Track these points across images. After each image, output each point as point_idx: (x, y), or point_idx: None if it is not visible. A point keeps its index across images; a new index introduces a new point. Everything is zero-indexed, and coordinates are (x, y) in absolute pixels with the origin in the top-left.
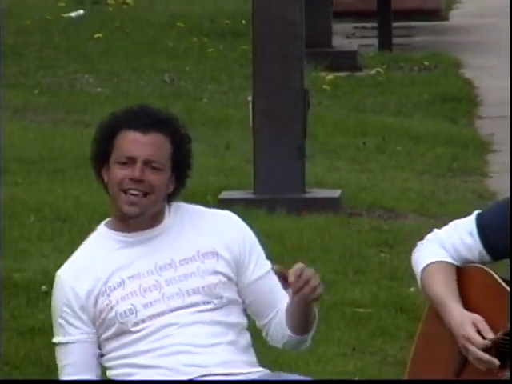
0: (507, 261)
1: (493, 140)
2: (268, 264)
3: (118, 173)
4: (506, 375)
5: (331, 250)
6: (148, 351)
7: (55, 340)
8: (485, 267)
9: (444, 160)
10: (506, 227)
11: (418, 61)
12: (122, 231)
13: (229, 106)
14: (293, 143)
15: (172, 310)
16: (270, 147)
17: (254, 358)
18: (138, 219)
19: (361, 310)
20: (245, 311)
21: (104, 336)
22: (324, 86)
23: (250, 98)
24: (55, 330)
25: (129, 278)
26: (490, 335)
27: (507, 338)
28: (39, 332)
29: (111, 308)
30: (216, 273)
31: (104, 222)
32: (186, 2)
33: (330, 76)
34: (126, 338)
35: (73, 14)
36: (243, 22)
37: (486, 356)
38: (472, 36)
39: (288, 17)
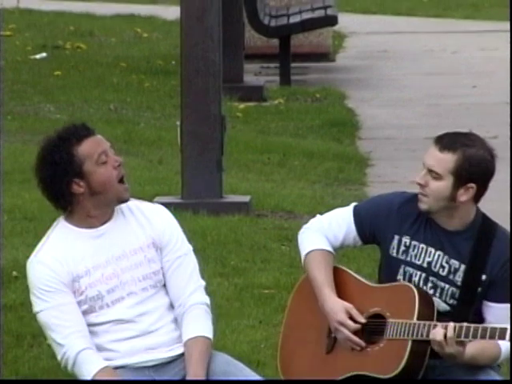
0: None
1: (370, 156)
2: (183, 249)
3: None
4: (372, 349)
5: (243, 243)
6: (107, 334)
7: (42, 307)
8: (346, 269)
9: (332, 172)
10: (378, 220)
11: (311, 94)
12: (85, 227)
13: (161, 129)
14: (212, 159)
15: (128, 294)
16: (195, 162)
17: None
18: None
19: (266, 291)
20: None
21: None
22: (237, 114)
23: (178, 123)
24: (38, 301)
25: (93, 267)
26: (361, 319)
27: (371, 320)
28: (10, 308)
29: (81, 293)
30: (157, 260)
31: (65, 219)
32: (128, 46)
33: (242, 105)
34: (91, 317)
35: (37, 56)
36: (173, 62)
37: (357, 339)
38: (354, 74)
39: (209, 58)
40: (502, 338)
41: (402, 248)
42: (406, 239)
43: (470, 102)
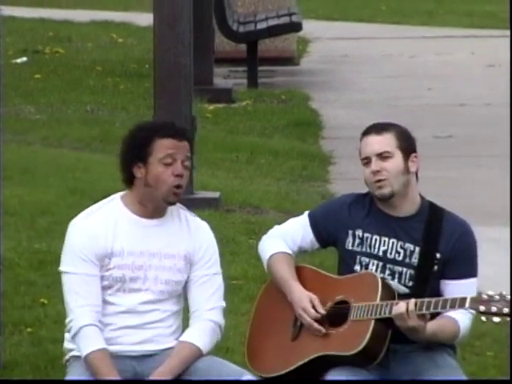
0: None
1: (332, 155)
2: (213, 269)
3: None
4: (336, 331)
5: None
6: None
7: (68, 269)
8: (309, 266)
9: (296, 170)
10: (331, 220)
11: (277, 95)
12: (135, 213)
13: None
14: None
15: (146, 290)
16: None
17: (179, 332)
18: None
19: (235, 282)
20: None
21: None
22: (207, 115)
23: None
24: (67, 263)
25: (128, 252)
26: (322, 310)
27: (336, 306)
28: None
29: (108, 269)
30: (183, 272)
31: (121, 197)
32: (104, 51)
33: (212, 107)
34: (105, 294)
35: (18, 60)
36: (146, 66)
37: (316, 325)
38: (317, 77)
39: (180, 62)
40: (462, 306)
41: (357, 241)
42: (358, 232)
43: (426, 104)
